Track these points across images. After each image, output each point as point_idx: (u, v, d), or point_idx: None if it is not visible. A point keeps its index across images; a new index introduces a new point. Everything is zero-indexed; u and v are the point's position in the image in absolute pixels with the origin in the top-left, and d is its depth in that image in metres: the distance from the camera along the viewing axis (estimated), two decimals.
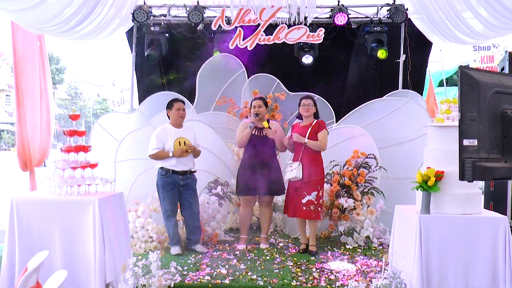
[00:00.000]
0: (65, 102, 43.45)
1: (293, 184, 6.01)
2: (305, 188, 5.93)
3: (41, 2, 6.37)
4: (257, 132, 6.22)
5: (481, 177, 2.80)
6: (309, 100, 6.13)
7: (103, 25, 7.40)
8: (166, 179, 5.93)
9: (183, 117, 6.12)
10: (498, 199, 6.50)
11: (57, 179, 4.68)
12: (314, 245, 6.11)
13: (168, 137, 5.94)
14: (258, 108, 6.24)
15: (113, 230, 4.58)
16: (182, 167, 5.94)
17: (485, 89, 2.71)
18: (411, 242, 4.31)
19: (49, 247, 4.32)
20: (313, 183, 5.95)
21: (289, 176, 5.97)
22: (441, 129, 4.50)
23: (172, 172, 5.92)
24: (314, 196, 5.93)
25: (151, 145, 5.94)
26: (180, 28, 8.56)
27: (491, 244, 4.20)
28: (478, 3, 6.82)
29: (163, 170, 5.94)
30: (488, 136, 2.72)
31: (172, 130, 6.01)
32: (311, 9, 7.46)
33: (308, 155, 5.98)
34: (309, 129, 5.98)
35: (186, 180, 6.01)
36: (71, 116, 4.89)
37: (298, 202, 5.95)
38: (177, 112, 6.05)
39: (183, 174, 5.97)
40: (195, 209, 6.14)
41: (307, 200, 5.91)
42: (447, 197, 4.31)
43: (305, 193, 5.92)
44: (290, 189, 6.10)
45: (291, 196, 6.06)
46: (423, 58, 9.16)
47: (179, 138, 5.97)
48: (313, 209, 5.94)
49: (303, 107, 6.10)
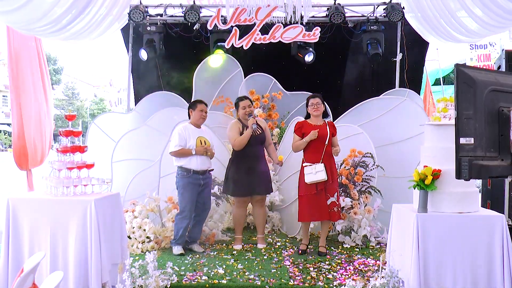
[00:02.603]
0: (62, 103, 43.41)
1: (312, 187, 5.85)
2: (328, 189, 5.89)
3: (29, 0, 6.32)
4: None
5: (477, 176, 2.81)
6: (317, 99, 6.05)
7: (93, 23, 7.34)
8: (188, 179, 5.94)
9: (205, 119, 6.19)
10: (496, 198, 6.50)
11: (53, 179, 4.66)
12: (324, 246, 6.08)
13: (190, 135, 5.98)
14: (249, 108, 6.28)
15: (109, 230, 4.56)
16: (202, 166, 5.97)
17: (481, 87, 2.72)
18: (408, 241, 4.30)
19: (45, 248, 4.31)
20: (334, 184, 5.95)
21: (315, 178, 5.80)
22: (438, 128, 4.49)
23: (193, 172, 5.93)
24: (336, 197, 5.93)
25: (173, 142, 5.96)
26: (177, 27, 8.54)
27: (489, 242, 4.19)
28: (472, 2, 6.82)
29: (184, 170, 5.95)
30: (485, 134, 2.72)
31: (193, 129, 6.07)
32: (307, 8, 7.42)
33: (329, 156, 5.96)
34: (328, 131, 5.94)
35: (206, 180, 6.06)
36: (67, 117, 4.86)
37: (323, 205, 5.87)
38: (200, 113, 6.11)
39: (203, 174, 6.00)
40: (207, 207, 6.21)
41: (331, 202, 5.88)
42: (444, 196, 4.30)
43: (328, 195, 5.88)
44: (305, 192, 5.92)
45: (309, 199, 5.89)
46: (419, 57, 9.18)
47: (200, 137, 6.03)
48: (336, 210, 5.94)
49: (312, 106, 6.02)
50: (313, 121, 6.07)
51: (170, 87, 8.71)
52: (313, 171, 5.84)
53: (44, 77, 7.60)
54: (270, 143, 6.50)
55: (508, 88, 2.77)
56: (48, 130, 7.61)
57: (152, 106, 7.70)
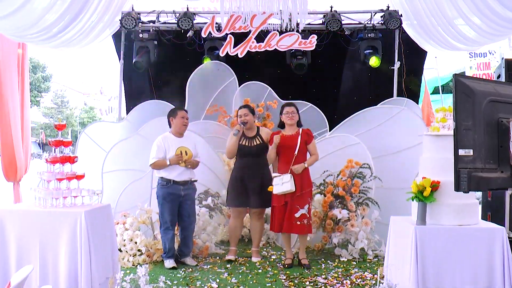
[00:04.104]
0: (51, 111, 43.18)
1: (281, 198, 5.91)
2: (297, 201, 5.89)
3: (21, 6, 6.33)
4: (247, 142, 6.22)
5: (477, 188, 2.82)
6: (292, 107, 6.12)
7: (85, 30, 7.37)
8: (167, 190, 5.93)
9: (186, 126, 6.15)
10: (496, 209, 6.50)
11: (42, 191, 4.65)
12: (305, 258, 6.10)
13: (169, 146, 5.96)
14: (245, 117, 6.25)
15: (100, 243, 4.55)
16: (182, 177, 5.95)
17: (480, 98, 2.74)
18: (406, 254, 4.31)
19: (34, 261, 4.30)
20: (305, 196, 5.94)
21: (281, 189, 5.85)
22: (437, 138, 4.52)
23: (173, 183, 5.92)
24: (306, 209, 5.92)
25: (151, 154, 5.96)
26: (170, 35, 8.56)
27: (489, 255, 4.20)
28: (469, 10, 6.87)
29: (164, 180, 5.95)
30: (484, 145, 2.74)
31: (174, 139, 6.03)
32: (303, 15, 7.48)
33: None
34: (298, 140, 5.96)
35: (187, 190, 6.03)
36: (56, 126, 4.87)
37: (290, 217, 5.88)
38: (181, 120, 6.06)
39: (184, 184, 5.98)
40: (193, 221, 6.17)
41: (300, 214, 5.87)
42: (443, 208, 4.32)
43: (297, 207, 5.87)
44: (276, 203, 5.98)
45: (279, 210, 5.95)
46: (418, 65, 9.23)
47: (181, 147, 5.99)
48: (306, 222, 5.93)
49: (287, 114, 6.07)
50: (287, 130, 6.11)
51: (163, 95, 8.67)
52: (280, 182, 5.88)
53: (25, 86, 7.55)
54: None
55: (507, 98, 2.80)
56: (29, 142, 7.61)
57: (144, 115, 7.69)
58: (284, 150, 5.99)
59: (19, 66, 7.45)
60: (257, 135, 6.29)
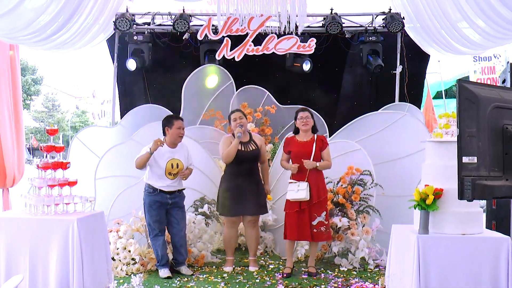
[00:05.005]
0: (41, 115, 43.14)
1: (294, 204, 5.90)
2: (314, 209, 5.91)
3: (14, 8, 6.34)
4: (243, 147, 6.21)
5: (481, 196, 2.82)
6: (307, 113, 6.11)
7: (80, 33, 7.38)
8: (154, 197, 5.93)
9: (182, 137, 6.09)
10: (501, 218, 6.51)
11: (33, 197, 4.65)
12: (313, 266, 6.11)
13: (161, 156, 5.92)
14: (240, 120, 6.24)
15: (93, 252, 4.56)
16: (170, 187, 5.95)
17: (485, 104, 2.74)
18: (408, 264, 4.31)
19: (23, 271, 4.30)
20: (322, 203, 5.97)
21: (295, 196, 5.84)
22: (440, 145, 4.53)
23: (160, 191, 5.92)
24: (324, 216, 5.94)
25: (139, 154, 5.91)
26: (165, 37, 8.57)
27: (493, 266, 4.20)
28: (473, 12, 6.91)
29: (150, 188, 5.94)
30: (488, 153, 2.74)
31: (166, 150, 5.97)
32: (302, 17, 7.47)
33: (315, 173, 5.96)
34: (313, 147, 5.97)
35: (174, 199, 6.02)
36: (48, 131, 4.87)
37: (307, 224, 5.88)
38: (178, 131, 5.99)
39: (171, 193, 5.98)
40: (183, 227, 6.14)
41: (318, 222, 5.89)
42: (447, 216, 4.33)
43: (315, 215, 5.89)
44: (288, 210, 5.98)
45: (294, 218, 5.92)
46: (420, 69, 9.25)
47: (172, 160, 5.96)
48: (324, 230, 5.94)
49: (301, 120, 6.07)
50: (301, 136, 6.10)
51: (158, 99, 8.68)
52: (295, 189, 5.89)
53: (17, 89, 7.54)
54: (264, 161, 6.48)
55: None
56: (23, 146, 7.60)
57: (139, 119, 7.70)
58: (299, 157, 5.98)
59: (10, 68, 7.44)
60: (251, 141, 6.30)
